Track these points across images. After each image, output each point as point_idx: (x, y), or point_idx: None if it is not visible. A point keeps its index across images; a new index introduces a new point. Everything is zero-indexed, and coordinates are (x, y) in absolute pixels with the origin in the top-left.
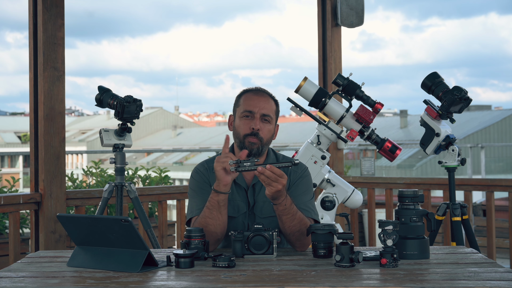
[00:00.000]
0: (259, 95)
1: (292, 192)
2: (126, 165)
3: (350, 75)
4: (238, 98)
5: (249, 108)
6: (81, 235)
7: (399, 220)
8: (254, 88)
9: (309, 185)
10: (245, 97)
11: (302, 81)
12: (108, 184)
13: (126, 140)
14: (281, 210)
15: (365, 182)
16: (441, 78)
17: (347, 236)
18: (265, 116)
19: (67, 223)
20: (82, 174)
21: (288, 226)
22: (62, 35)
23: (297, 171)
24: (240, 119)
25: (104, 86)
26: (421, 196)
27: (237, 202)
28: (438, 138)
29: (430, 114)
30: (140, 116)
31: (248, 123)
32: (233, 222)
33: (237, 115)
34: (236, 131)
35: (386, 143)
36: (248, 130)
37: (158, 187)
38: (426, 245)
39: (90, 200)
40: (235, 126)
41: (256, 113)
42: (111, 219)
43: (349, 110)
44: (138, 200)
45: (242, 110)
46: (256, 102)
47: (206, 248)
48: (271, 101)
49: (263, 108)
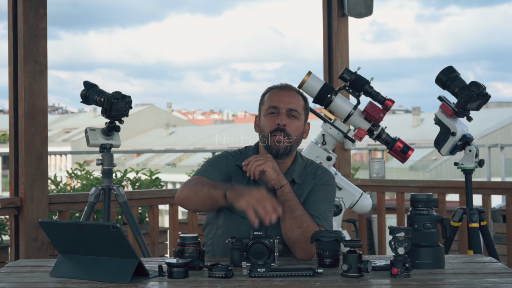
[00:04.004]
0: (285, 89)
1: (310, 197)
2: (114, 167)
3: (358, 69)
4: (263, 96)
5: (274, 104)
6: (65, 242)
7: (411, 227)
8: (280, 84)
9: (330, 195)
10: (270, 94)
11: (306, 76)
12: (95, 188)
13: (114, 139)
14: (286, 193)
15: (375, 185)
16: (457, 72)
17: (355, 244)
18: (291, 111)
19: (50, 229)
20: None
21: (290, 217)
22: (44, 25)
23: (323, 177)
24: (265, 117)
25: (91, 81)
26: (435, 200)
27: None
28: (454, 138)
29: (445, 111)
30: (130, 114)
31: (274, 119)
32: (242, 223)
33: (262, 113)
34: (261, 130)
35: (397, 143)
36: (273, 126)
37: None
38: (440, 254)
39: (75, 204)
40: (260, 126)
41: (282, 108)
42: (98, 225)
43: (357, 107)
44: (127, 205)
45: (267, 107)
46: (281, 97)
47: (201, 257)
48: (298, 96)
49: (289, 103)
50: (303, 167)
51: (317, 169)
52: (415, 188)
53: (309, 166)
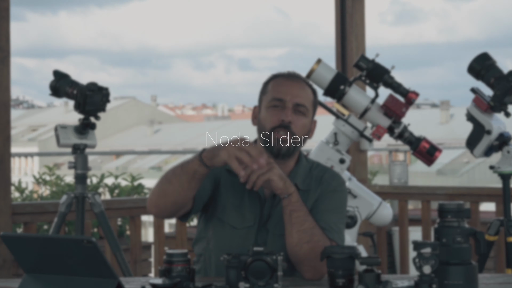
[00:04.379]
0: (292, 80)
1: (317, 206)
2: (89, 171)
3: (377, 56)
4: (266, 84)
5: (279, 96)
6: (32, 260)
7: (439, 241)
8: (287, 73)
9: (341, 204)
10: (274, 83)
11: (315, 64)
12: (66, 195)
13: (89, 139)
14: (294, 203)
15: (396, 192)
16: (493, 60)
17: (373, 262)
18: (299, 106)
19: (14, 244)
20: (33, 183)
21: (298, 229)
22: (6, 5)
23: (331, 182)
24: (267, 110)
25: (61, 70)
26: (467, 210)
27: (245, 212)
28: (489, 137)
29: (479, 106)
30: (108, 109)
31: (278, 114)
32: (232, 234)
33: (263, 105)
34: (261, 124)
35: (422, 143)
36: (277, 121)
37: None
38: (473, 273)
39: (43, 215)
40: (260, 119)
41: (288, 102)
42: (70, 239)
43: (375, 101)
44: (105, 216)
45: (270, 98)
46: (288, 88)
47: (191, 277)
48: (308, 88)
49: (297, 96)
50: (308, 170)
51: (324, 172)
52: (443, 196)
53: (315, 169)
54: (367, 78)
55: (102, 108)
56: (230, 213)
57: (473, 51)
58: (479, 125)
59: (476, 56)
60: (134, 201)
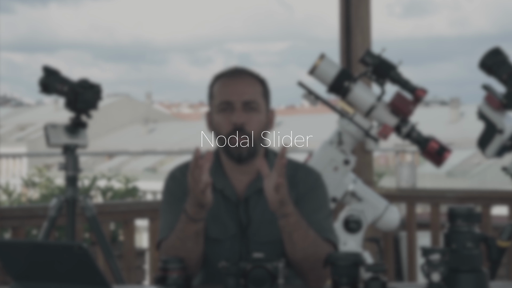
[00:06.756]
0: (235, 77)
1: (302, 208)
2: (80, 172)
3: (383, 51)
4: (211, 88)
5: (226, 98)
6: (20, 266)
7: (448, 247)
8: (229, 71)
9: (323, 199)
10: (218, 85)
11: (318, 60)
12: (56, 198)
13: (80, 138)
14: (292, 224)
15: (403, 195)
16: (505, 55)
17: (379, 268)
18: (249, 103)
19: (1, 250)
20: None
21: (301, 247)
22: None
23: (307, 179)
24: (218, 115)
25: (51, 65)
26: (478, 214)
27: (225, 220)
28: (502, 136)
29: (490, 103)
30: (100, 107)
31: (228, 117)
32: (218, 248)
33: (213, 110)
34: (216, 130)
35: (431, 142)
36: (229, 126)
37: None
38: (484, 280)
39: (32, 219)
40: (214, 125)
41: (236, 102)
42: (60, 245)
43: (382, 99)
44: (97, 220)
45: (218, 102)
46: (233, 87)
47: (188, 285)
48: (254, 80)
49: (244, 93)
50: None
51: (296, 171)
52: (453, 199)
53: (286, 167)
54: (373, 74)
55: (94, 106)
56: (210, 226)
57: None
58: (491, 124)
59: (488, 50)
60: (128, 204)
